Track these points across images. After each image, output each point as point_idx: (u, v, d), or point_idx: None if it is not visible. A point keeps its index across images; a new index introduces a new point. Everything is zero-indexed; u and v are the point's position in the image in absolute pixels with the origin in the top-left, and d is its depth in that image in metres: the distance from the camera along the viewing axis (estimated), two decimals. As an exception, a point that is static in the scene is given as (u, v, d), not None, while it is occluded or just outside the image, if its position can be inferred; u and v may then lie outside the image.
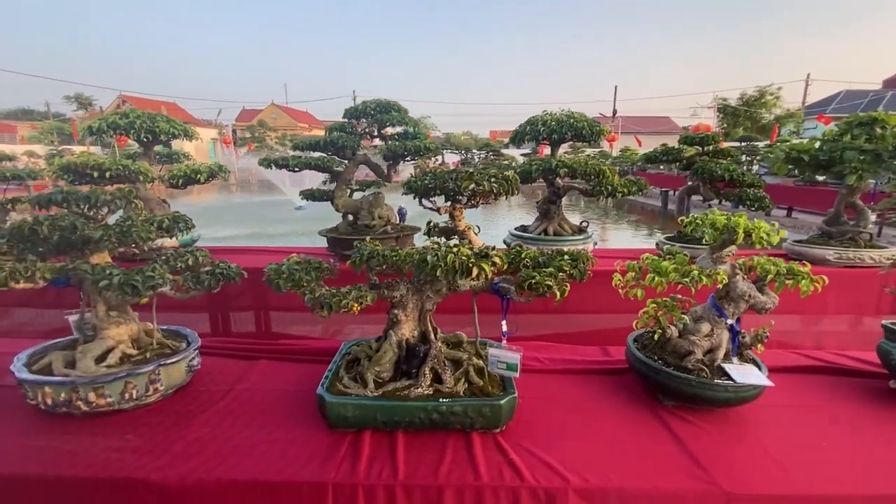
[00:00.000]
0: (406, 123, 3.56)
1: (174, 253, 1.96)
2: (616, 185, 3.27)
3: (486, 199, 1.61)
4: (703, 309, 1.90)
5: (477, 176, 1.51)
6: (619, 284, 1.79)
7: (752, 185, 3.48)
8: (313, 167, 3.56)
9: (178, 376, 1.89)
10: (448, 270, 1.32)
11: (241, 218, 14.96)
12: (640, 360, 1.84)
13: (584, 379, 2.07)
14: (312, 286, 1.54)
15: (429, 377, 1.64)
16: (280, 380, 2.03)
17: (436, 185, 1.56)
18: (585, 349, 2.39)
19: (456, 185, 1.53)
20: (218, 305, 3.94)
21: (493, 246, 1.56)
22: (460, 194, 1.56)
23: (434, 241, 1.51)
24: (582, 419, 1.76)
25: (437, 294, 1.69)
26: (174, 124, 3.91)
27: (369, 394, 1.61)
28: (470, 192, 1.52)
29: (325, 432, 1.63)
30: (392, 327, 1.73)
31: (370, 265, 1.60)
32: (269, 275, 1.59)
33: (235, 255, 4.39)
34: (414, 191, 1.63)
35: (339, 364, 1.83)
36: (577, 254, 1.64)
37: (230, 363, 2.18)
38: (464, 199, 1.63)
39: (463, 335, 1.96)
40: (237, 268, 1.91)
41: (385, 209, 3.84)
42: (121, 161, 3.55)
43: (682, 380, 1.70)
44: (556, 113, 3.59)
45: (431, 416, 1.58)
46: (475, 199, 1.61)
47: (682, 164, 3.86)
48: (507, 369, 1.72)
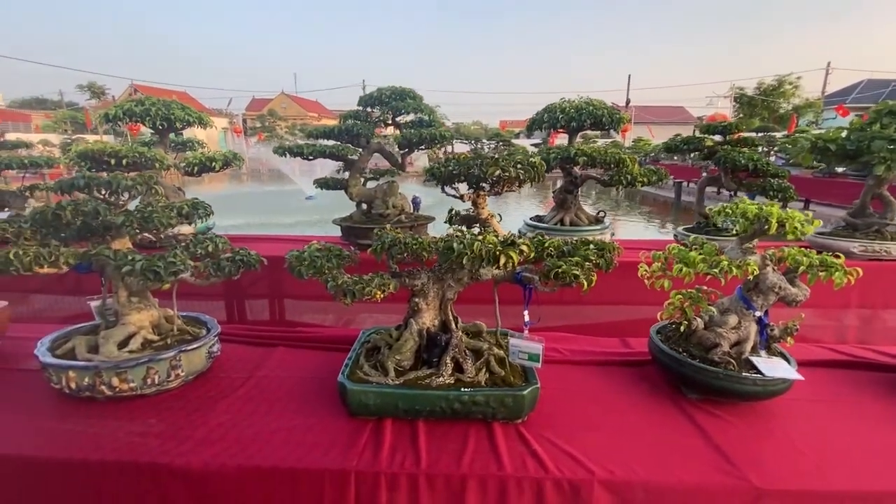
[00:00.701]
0: (421, 111, 3.51)
1: (194, 240, 1.95)
2: (636, 175, 3.20)
3: (511, 185, 1.57)
4: (730, 301, 1.85)
5: (503, 161, 1.47)
6: (645, 275, 1.74)
7: (775, 175, 3.38)
8: (328, 155, 3.53)
9: (199, 362, 1.90)
10: (474, 258, 1.29)
11: (251, 207, 15.04)
12: (664, 351, 1.81)
13: (605, 370, 2.04)
14: (334, 273, 1.53)
15: (450, 366, 1.62)
16: (298, 367, 2.02)
17: (459, 171, 1.52)
18: (605, 340, 2.36)
19: (481, 171, 1.49)
20: (233, 293, 3.97)
21: (517, 234, 1.52)
22: (485, 181, 1.53)
23: (457, 229, 1.48)
24: (604, 410, 1.74)
25: (458, 283, 1.66)
26: (189, 112, 3.91)
27: (390, 382, 1.59)
28: (495, 178, 1.48)
29: (345, 419, 1.63)
30: (413, 316, 1.71)
31: (391, 253, 1.57)
32: (290, 262, 1.57)
33: (249, 242, 4.40)
34: (436, 177, 1.60)
35: (358, 352, 1.82)
36: (604, 243, 1.60)
37: (248, 350, 2.19)
38: (487, 186, 1.59)
39: (482, 325, 1.94)
40: (257, 255, 1.90)
41: (399, 198, 3.81)
42: (137, 148, 3.55)
43: (708, 372, 1.66)
44: (575, 100, 3.52)
45: (453, 405, 1.57)
46: (500, 185, 1.57)
47: (703, 153, 3.77)
48: (528, 360, 1.70)
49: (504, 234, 1.50)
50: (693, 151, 3.80)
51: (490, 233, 1.41)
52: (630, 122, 3.46)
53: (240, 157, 4.01)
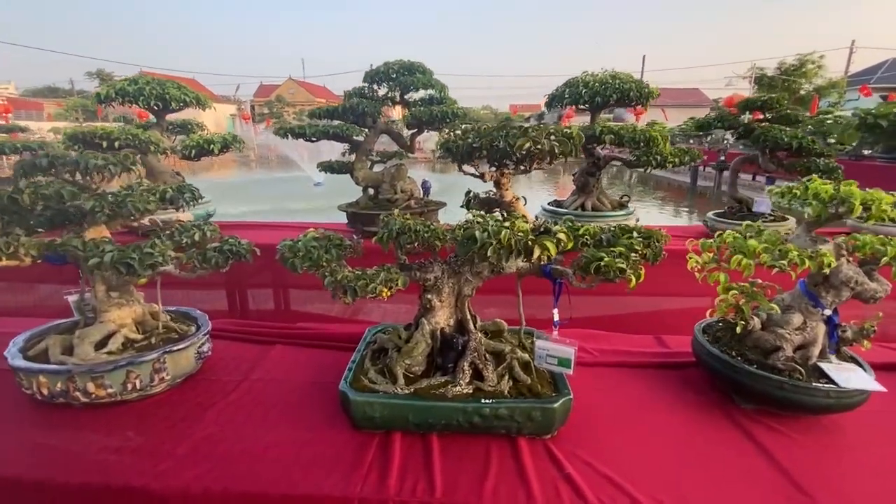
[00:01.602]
0: (432, 87, 3.25)
1: (179, 227, 1.74)
2: (667, 155, 2.92)
3: (541, 162, 1.32)
4: (792, 297, 1.60)
5: (534, 132, 1.22)
6: (696, 268, 1.50)
7: (821, 155, 3.07)
8: (331, 136, 3.29)
9: (187, 364, 1.70)
10: (501, 250, 1.06)
11: (259, 194, 14.89)
12: (714, 355, 1.57)
13: (641, 374, 1.80)
14: (333, 266, 1.31)
15: (468, 373, 1.40)
16: (297, 369, 1.82)
17: (481, 144, 1.27)
18: (638, 338, 2.13)
19: (507, 145, 1.24)
20: (235, 281, 3.79)
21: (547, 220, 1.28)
22: (511, 156, 1.28)
23: (477, 215, 1.24)
24: (645, 423, 1.51)
25: (476, 277, 1.43)
26: (185, 91, 3.69)
27: (399, 391, 1.38)
28: (524, 152, 1.24)
29: (348, 433, 1.42)
30: (424, 314, 1.49)
31: (400, 242, 1.35)
32: (282, 253, 1.35)
33: (252, 230, 4.22)
34: (452, 153, 1.35)
35: (363, 354, 1.61)
36: (649, 231, 1.35)
37: (243, 348, 1.99)
38: (513, 164, 1.34)
39: (503, 323, 1.71)
40: (248, 244, 1.68)
41: (408, 182, 3.57)
42: (130, 130, 3.36)
43: (770, 381, 1.42)
44: (598, 73, 3.22)
45: (472, 418, 1.35)
46: (528, 162, 1.32)
47: (739, 131, 3.46)
48: (558, 365, 1.47)
49: (531, 219, 1.26)
50: (728, 129, 3.48)
51: (517, 218, 1.18)
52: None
53: (239, 140, 3.79)
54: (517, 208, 1.44)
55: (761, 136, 3.12)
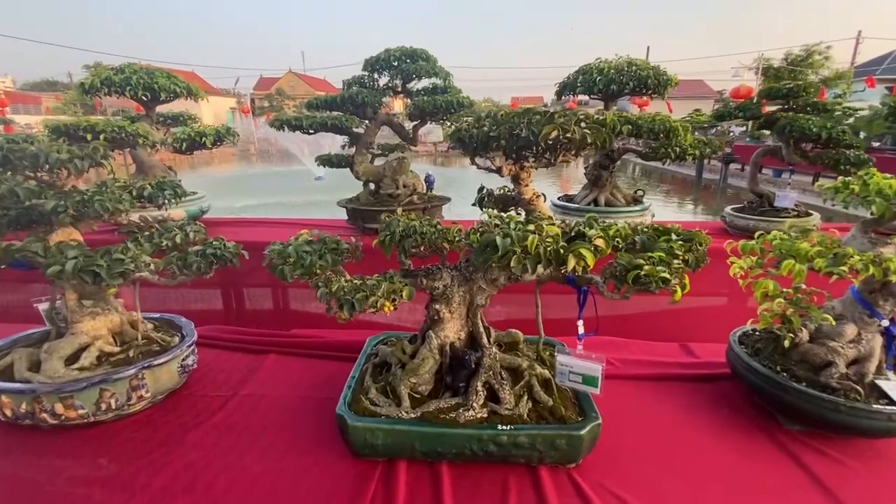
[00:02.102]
0: (436, 75, 3.05)
1: (159, 228, 1.57)
2: (687, 146, 2.73)
3: (567, 153, 1.15)
4: (843, 305, 1.43)
5: (561, 118, 1.04)
6: (739, 274, 1.32)
7: (850, 146, 2.88)
8: (330, 128, 3.11)
9: (169, 379, 1.54)
10: (527, 260, 0.89)
11: (259, 188, 14.72)
12: (756, 370, 1.40)
13: (670, 388, 1.64)
14: (328, 275, 1.14)
15: (482, 395, 1.24)
16: (291, 382, 1.66)
17: (499, 132, 1.09)
18: (662, 347, 1.96)
19: (531, 133, 1.06)
20: (231, 280, 3.62)
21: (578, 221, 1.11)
22: (532, 147, 1.11)
23: (495, 216, 1.07)
24: (680, 447, 1.35)
25: (491, 285, 1.26)
26: (175, 81, 3.50)
27: (404, 414, 1.22)
28: (550, 141, 1.06)
29: (347, 460, 1.26)
30: (432, 327, 1.32)
31: (404, 246, 1.18)
32: (271, 259, 1.19)
33: (249, 227, 4.05)
34: (465, 143, 1.18)
35: (363, 369, 1.45)
36: (690, 232, 1.18)
37: (234, 358, 1.83)
38: (535, 155, 1.17)
39: (518, 333, 1.55)
40: (235, 247, 1.52)
41: (410, 176, 3.39)
42: (117, 122, 3.18)
43: (824, 402, 1.25)
44: (612, 60, 3.02)
45: (487, 447, 1.19)
46: (554, 153, 1.14)
47: (760, 121, 3.26)
48: (583, 383, 1.31)
49: (556, 220, 1.09)
50: (750, 119, 3.29)
51: (542, 220, 1.01)
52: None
53: (233, 133, 3.61)
54: (538, 207, 1.27)
55: (786, 126, 2.92)
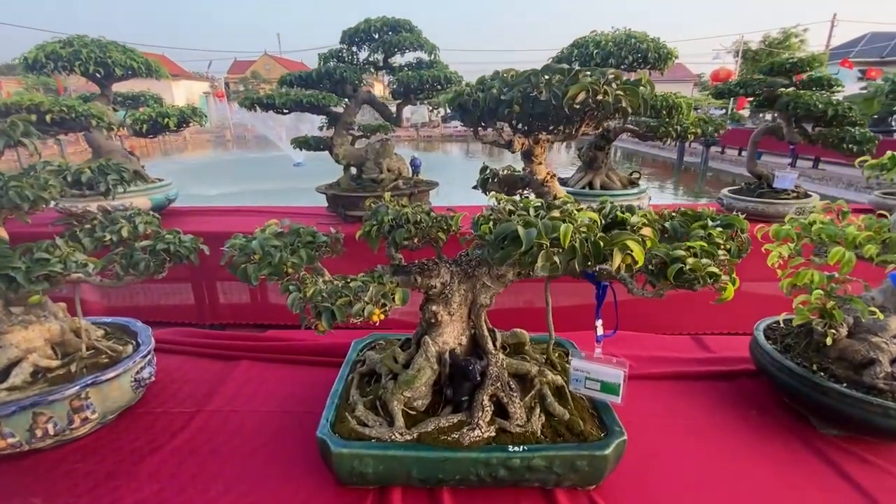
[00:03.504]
0: (421, 47, 2.81)
1: (102, 220, 1.33)
2: (689, 125, 2.57)
3: (592, 122, 0.95)
4: (884, 295, 1.29)
5: (589, 77, 0.85)
6: (777, 263, 1.16)
7: (855, 124, 2.76)
8: (305, 106, 2.85)
9: (120, 396, 1.32)
10: (559, 256, 0.70)
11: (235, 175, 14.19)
12: (789, 370, 1.26)
13: (689, 388, 1.49)
14: (302, 275, 0.93)
15: (489, 410, 1.06)
16: (266, 394, 1.46)
17: (511, 97, 0.88)
18: (675, 341, 1.82)
19: (552, 96, 0.86)
20: (203, 272, 3.36)
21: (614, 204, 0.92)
22: (554, 115, 0.90)
23: (509, 200, 0.88)
24: (709, 458, 1.20)
25: (497, 282, 1.07)
26: (132, 56, 3.17)
27: (398, 436, 1.03)
28: (578, 107, 0.86)
29: (332, 489, 1.08)
30: (429, 331, 1.13)
31: (395, 239, 0.98)
32: (231, 255, 0.97)
33: (220, 216, 3.76)
34: (466, 109, 0.96)
35: (348, 380, 1.26)
36: (728, 217, 1.01)
37: (200, 366, 1.61)
38: (553, 126, 0.97)
39: (524, 333, 1.37)
40: (193, 241, 1.29)
41: (395, 160, 3.16)
42: (66, 101, 2.85)
43: (872, 406, 1.11)
44: (610, 32, 2.82)
45: (496, 472, 1.01)
46: (577, 122, 0.95)
47: (760, 98, 3.12)
48: (601, 391, 1.14)
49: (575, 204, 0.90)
50: (751, 97, 3.14)
51: (568, 204, 0.82)
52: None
53: (200, 113, 3.31)
54: (553, 189, 1.08)
55: (790, 103, 2.79)
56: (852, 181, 12.01)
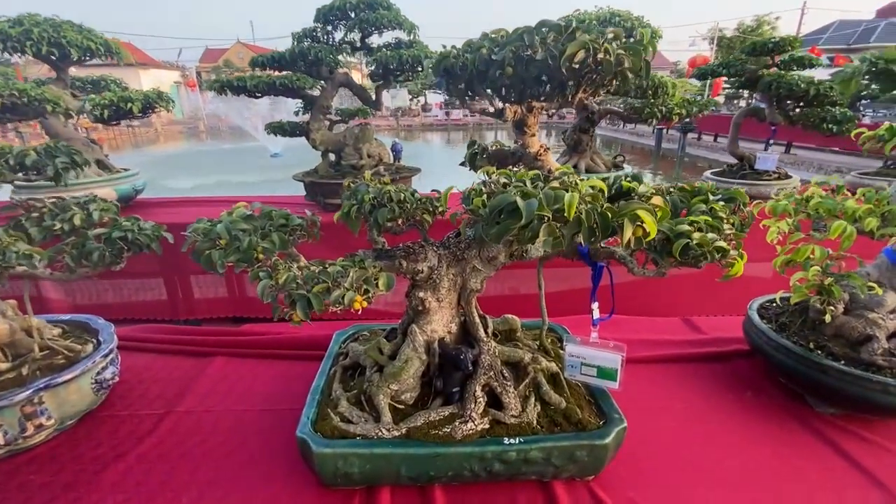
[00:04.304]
0: (400, 25, 2.69)
1: (52, 208, 1.21)
2: (674, 106, 2.54)
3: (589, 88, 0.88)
4: (879, 270, 1.27)
5: (589, 36, 0.77)
6: (776, 239, 1.12)
7: (835, 104, 2.77)
8: (279, 89, 2.71)
9: (80, 399, 1.21)
10: (564, 229, 0.62)
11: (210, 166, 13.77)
12: (786, 348, 1.23)
13: (682, 371, 1.46)
14: (275, 261, 0.84)
15: (482, 401, 1.00)
16: (243, 392, 1.37)
17: (502, 56, 0.80)
18: (665, 322, 1.79)
19: (548, 56, 0.78)
20: (175, 265, 3.21)
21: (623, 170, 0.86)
22: (550, 78, 0.82)
23: (501, 172, 0.81)
24: (708, 442, 1.17)
25: (489, 265, 1.00)
26: (89, 36, 2.96)
27: (385, 433, 0.96)
28: (576, 66, 0.79)
29: (314, 491, 1.00)
30: (416, 320, 1.06)
31: (377, 219, 0.89)
32: (193, 240, 0.87)
33: (191, 206, 3.59)
34: (453, 73, 0.88)
35: (330, 374, 1.17)
36: (729, 191, 0.96)
37: (171, 364, 1.51)
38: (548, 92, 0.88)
39: (515, 319, 1.31)
40: (154, 228, 1.18)
41: (375, 145, 3.05)
42: (17, 85, 2.64)
43: (870, 383, 1.09)
44: (594, 10, 2.76)
45: (491, 466, 0.95)
46: (575, 87, 0.87)
47: (741, 80, 3.11)
48: (598, 377, 1.09)
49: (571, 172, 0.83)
50: (733, 77, 3.13)
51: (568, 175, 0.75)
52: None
53: (167, 98, 3.12)
54: (547, 163, 1.01)
55: (772, 83, 2.78)
56: (822, 165, 12.36)
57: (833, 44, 30.11)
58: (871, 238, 1.06)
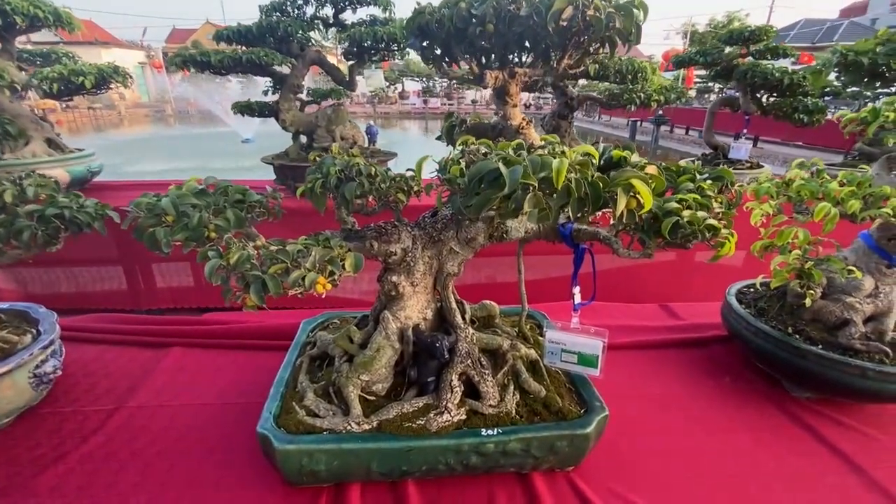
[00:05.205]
0: (375, 2, 2.57)
1: (-22, 182, 1.07)
2: (652, 92, 2.51)
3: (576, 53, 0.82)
4: (856, 254, 1.27)
5: (577, -10, 0.71)
6: (760, 222, 1.10)
7: (807, 94, 2.81)
8: (246, 65, 2.56)
9: (16, 395, 1.10)
10: (552, 200, 0.56)
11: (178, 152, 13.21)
12: (765, 333, 1.22)
13: (663, 357, 1.44)
14: (228, 239, 0.76)
15: (458, 391, 0.94)
16: (202, 385, 1.27)
17: (483, 11, 0.72)
18: (643, 309, 1.77)
19: (532, 11, 0.71)
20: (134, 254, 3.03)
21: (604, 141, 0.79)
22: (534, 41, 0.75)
23: (481, 142, 0.74)
24: (688, 429, 1.15)
25: (467, 247, 0.94)
26: (37, 3, 2.72)
27: (355, 426, 0.89)
28: (564, 23, 0.73)
29: (279, 491, 0.93)
30: (389, 306, 0.99)
31: (344, 195, 0.81)
32: (136, 216, 0.77)
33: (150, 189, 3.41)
34: (429, 33, 0.79)
35: (296, 365, 1.10)
36: (716, 170, 0.92)
37: (123, 356, 1.40)
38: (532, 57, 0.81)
39: (494, 305, 1.25)
40: (96, 206, 1.06)
41: (349, 127, 2.93)
42: (-48, 54, 2.41)
43: (848, 367, 1.08)
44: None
45: (468, 459, 0.90)
46: (560, 50, 0.80)
47: (717, 69, 3.12)
48: (579, 363, 1.05)
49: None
50: (709, 66, 3.13)
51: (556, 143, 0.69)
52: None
53: (123, 72, 2.91)
54: (530, 137, 0.95)
55: (748, 72, 2.79)
56: (787, 159, 12.82)
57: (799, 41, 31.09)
58: (852, 221, 1.04)
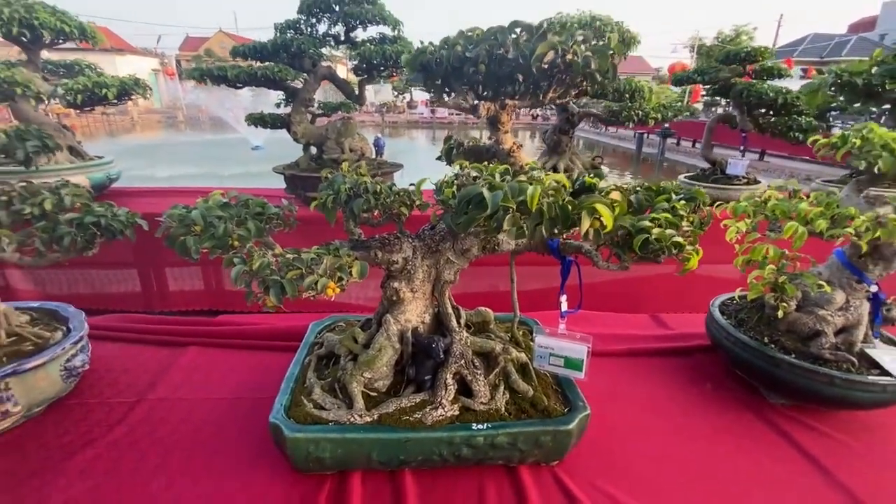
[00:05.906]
0: (384, 21, 2.70)
1: (22, 192, 1.19)
2: (650, 110, 2.61)
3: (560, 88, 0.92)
4: (829, 270, 1.34)
5: (559, 37, 0.80)
6: (735, 239, 1.18)
7: (801, 113, 2.90)
8: (260, 80, 2.69)
9: (48, 386, 1.20)
10: (525, 220, 0.66)
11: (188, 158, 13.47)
12: (743, 343, 1.30)
13: (648, 365, 1.52)
14: (250, 248, 0.86)
15: (452, 389, 1.03)
16: (217, 381, 1.37)
17: (476, 53, 0.83)
18: (634, 319, 1.85)
19: (519, 54, 0.81)
20: (150, 256, 3.15)
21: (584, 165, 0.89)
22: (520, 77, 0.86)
23: (473, 166, 0.84)
24: (667, 431, 1.22)
25: (462, 257, 1.04)
26: (63, 18, 2.88)
27: (357, 419, 0.98)
28: (545, 66, 0.83)
29: (286, 478, 1.02)
30: (390, 310, 1.08)
31: (352, 209, 0.92)
32: (168, 226, 0.88)
33: (167, 196, 3.53)
34: (428, 70, 0.90)
35: (305, 363, 1.19)
36: (689, 190, 1.01)
37: (144, 354, 1.50)
38: (520, 91, 0.92)
39: (488, 312, 1.34)
40: (128, 215, 1.17)
41: (357, 139, 3.05)
42: (-17, 67, 2.57)
43: (818, 375, 1.16)
44: (576, 14, 2.81)
45: (459, 450, 0.99)
46: (546, 86, 0.91)
47: (715, 87, 3.22)
48: (565, 367, 1.13)
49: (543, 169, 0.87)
50: (706, 84, 3.23)
51: (535, 171, 0.78)
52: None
53: (144, 85, 3.06)
54: (520, 160, 1.05)
55: (743, 91, 2.89)
56: (794, 172, 12.83)
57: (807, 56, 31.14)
58: (821, 239, 1.13)
